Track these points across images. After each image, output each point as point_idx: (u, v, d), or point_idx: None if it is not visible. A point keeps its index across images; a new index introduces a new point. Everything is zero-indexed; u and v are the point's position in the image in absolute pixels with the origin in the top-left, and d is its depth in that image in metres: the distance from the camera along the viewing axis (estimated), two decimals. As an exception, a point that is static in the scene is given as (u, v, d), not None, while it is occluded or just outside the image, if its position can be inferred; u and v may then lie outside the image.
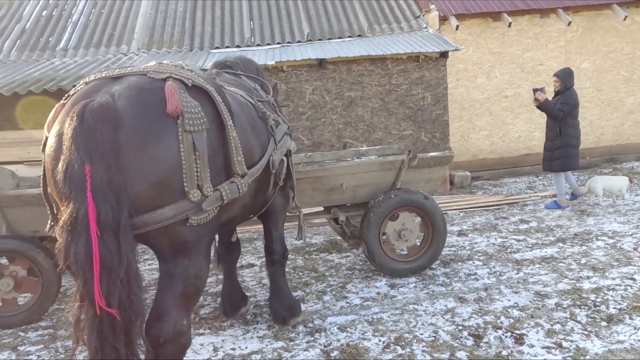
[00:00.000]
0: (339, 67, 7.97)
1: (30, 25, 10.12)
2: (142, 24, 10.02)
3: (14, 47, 9.53)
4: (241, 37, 9.58)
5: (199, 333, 3.17)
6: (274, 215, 3.09)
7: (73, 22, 10.19)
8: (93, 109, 1.66)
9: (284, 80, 7.91)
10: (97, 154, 1.62)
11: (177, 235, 1.81)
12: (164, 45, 9.47)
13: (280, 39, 9.44)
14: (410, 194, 3.89)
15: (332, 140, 8.09)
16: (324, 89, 8.00)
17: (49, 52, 9.37)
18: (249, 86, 3.02)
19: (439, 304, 3.40)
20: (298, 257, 4.82)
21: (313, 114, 8.03)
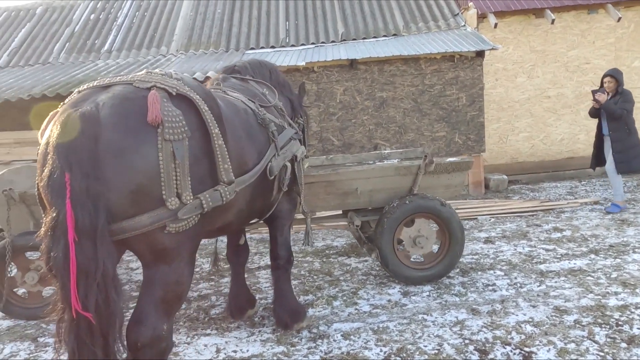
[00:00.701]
0: (371, 67, 7.88)
1: (78, 29, 10.63)
2: (182, 26, 10.30)
3: (63, 49, 10.05)
4: (276, 37, 9.66)
5: (205, 333, 3.22)
6: (279, 221, 3.09)
7: (118, 25, 10.62)
8: (74, 119, 1.71)
9: (315, 81, 7.90)
10: (76, 162, 1.67)
11: (156, 242, 1.83)
12: (201, 46, 9.70)
13: (314, 39, 9.45)
14: (426, 200, 3.79)
15: (363, 142, 8.01)
16: (355, 89, 7.93)
17: (94, 54, 9.81)
18: (255, 91, 3.03)
19: (449, 314, 3.29)
20: (316, 259, 4.81)
21: (344, 114, 7.98)
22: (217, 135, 2.00)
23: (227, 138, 2.15)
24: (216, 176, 2.02)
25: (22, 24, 11.09)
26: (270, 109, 2.95)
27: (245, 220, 2.74)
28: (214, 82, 3.00)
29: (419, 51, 7.69)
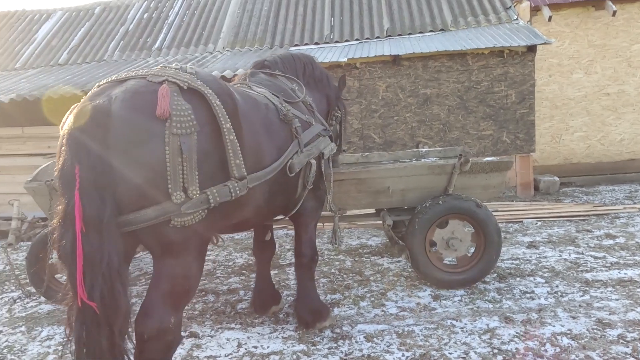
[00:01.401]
0: (415, 63, 7.68)
1: (132, 27, 11.05)
2: (229, 24, 10.48)
3: (117, 47, 10.49)
4: (320, 34, 9.62)
5: (229, 327, 3.23)
6: (304, 219, 3.04)
7: (168, 23, 10.95)
8: (86, 112, 1.74)
9: (357, 78, 7.80)
10: (85, 154, 1.70)
11: (163, 236, 1.84)
12: (246, 43, 9.83)
13: (359, 35, 9.33)
14: (460, 201, 3.62)
15: (405, 139, 7.83)
16: (398, 86, 7.76)
17: (145, 52, 10.17)
18: (283, 87, 2.99)
19: (480, 321, 3.13)
20: (348, 258, 4.73)
21: (386, 111, 7.84)
22: (229, 130, 1.98)
23: (242, 133, 2.13)
24: (227, 171, 1.99)
25: (81, 23, 11.68)
26: (297, 105, 2.91)
27: (266, 216, 2.72)
28: (242, 77, 3.00)
29: (466, 46, 7.40)
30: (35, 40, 11.32)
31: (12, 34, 11.72)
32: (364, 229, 5.98)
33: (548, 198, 7.44)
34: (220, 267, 4.70)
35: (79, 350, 1.73)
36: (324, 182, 2.98)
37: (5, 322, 3.60)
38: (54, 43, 11.04)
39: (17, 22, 12.24)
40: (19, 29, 11.90)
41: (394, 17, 9.59)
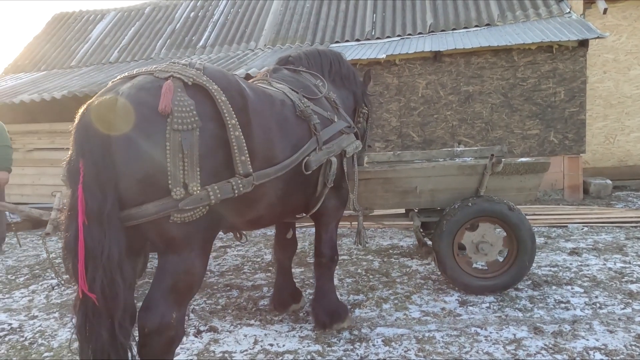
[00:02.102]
0: (457, 59, 7.44)
1: (179, 26, 11.37)
2: (271, 21, 10.57)
3: (164, 46, 10.83)
4: (362, 30, 9.52)
5: (248, 323, 3.24)
6: (324, 217, 2.99)
7: (213, 22, 11.19)
8: (91, 108, 1.77)
9: (396, 75, 7.65)
10: (88, 150, 1.73)
11: (164, 232, 1.84)
12: (287, 40, 9.87)
13: (400, 32, 9.16)
14: (491, 203, 3.46)
15: (445, 138, 7.61)
16: (439, 83, 7.55)
17: (190, 50, 10.44)
18: (306, 83, 2.94)
19: (507, 331, 2.97)
20: (377, 259, 4.64)
21: (425, 109, 7.64)
22: (234, 126, 1.95)
23: (252, 129, 2.11)
24: (233, 168, 1.98)
25: (132, 22, 12.15)
26: (319, 101, 2.85)
27: (283, 214, 2.68)
28: (264, 73, 2.98)
29: (512, 41, 7.09)
30: (90, 39, 11.87)
31: (69, 34, 12.35)
32: (397, 229, 5.86)
33: (598, 202, 7.01)
34: (248, 263, 4.73)
35: (81, 339, 1.77)
36: (346, 180, 2.91)
37: (42, 308, 3.77)
38: (107, 42, 11.54)
39: (74, 22, 12.89)
40: (76, 28, 12.52)
41: (438, 13, 9.34)
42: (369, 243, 5.25)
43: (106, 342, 1.76)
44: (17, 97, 8.29)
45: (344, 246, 5.17)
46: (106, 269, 1.71)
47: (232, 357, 2.79)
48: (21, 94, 8.42)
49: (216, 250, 5.26)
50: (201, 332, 3.12)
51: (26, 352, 2.96)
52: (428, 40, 8.11)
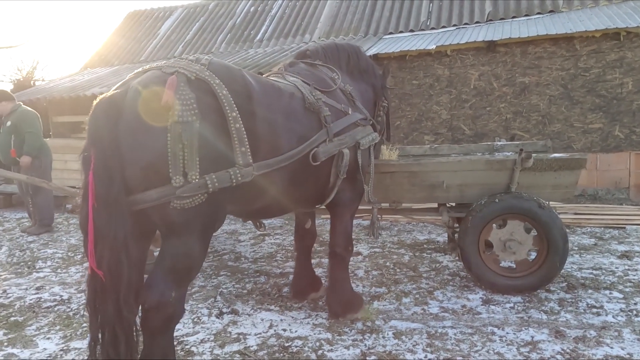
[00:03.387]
0: (512, 49, 7.10)
1: (239, 21, 11.75)
2: (327, 13, 10.62)
3: (224, 40, 11.24)
4: (417, 20, 9.33)
5: (268, 308, 3.37)
6: (339, 209, 3.03)
7: (271, 16, 11.43)
8: (103, 101, 1.95)
9: (448, 66, 7.45)
10: (99, 139, 1.90)
11: (165, 216, 1.98)
12: (341, 32, 9.89)
13: (457, 21, 8.87)
14: (520, 200, 3.33)
15: (498, 132, 7.32)
16: (492, 74, 7.25)
17: (248, 44, 10.76)
18: (322, 76, 2.98)
19: (525, 332, 2.87)
20: (408, 252, 4.61)
21: (477, 102, 7.38)
22: (235, 118, 2.05)
23: (255, 121, 2.20)
24: (233, 158, 2.08)
25: (197, 18, 12.71)
26: (332, 94, 2.89)
27: (292, 204, 2.76)
28: (281, 67, 3.07)
29: (573, 29, 6.65)
30: (158, 35, 12.58)
31: (140, 31, 13.16)
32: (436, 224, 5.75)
33: (668, 203, 6.44)
34: (282, 251, 4.88)
35: (90, 312, 1.96)
36: (360, 172, 2.93)
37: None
38: (173, 38, 12.17)
39: (145, 19, 13.70)
40: (146, 25, 13.31)
41: (497, 0, 8.92)
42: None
43: (112, 315, 1.94)
44: (89, 90, 9.01)
45: (380, 239, 5.17)
46: (112, 248, 1.88)
47: (246, 338, 2.93)
48: (93, 88, 9.14)
49: (255, 238, 5.46)
50: (223, 314, 3.29)
51: (69, 321, 3.29)
52: (483, 30, 7.80)
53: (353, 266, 4.25)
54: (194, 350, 2.80)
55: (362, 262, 4.36)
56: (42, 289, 3.96)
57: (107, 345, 1.95)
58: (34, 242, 5.72)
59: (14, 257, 5.04)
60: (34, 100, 9.42)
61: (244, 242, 5.27)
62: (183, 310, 2.13)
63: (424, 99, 7.58)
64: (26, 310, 3.51)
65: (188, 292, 3.75)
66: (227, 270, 4.27)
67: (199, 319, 3.24)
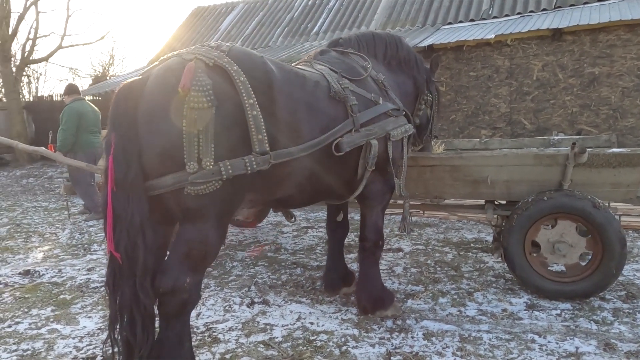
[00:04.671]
0: (581, 37, 6.58)
1: (297, 14, 11.81)
2: (384, 5, 10.41)
3: (282, 34, 11.35)
4: (478, 9, 8.91)
5: (299, 301, 3.34)
6: (368, 201, 2.93)
7: (329, 8, 11.39)
8: (125, 87, 1.98)
9: (508, 56, 7.04)
10: (118, 125, 1.94)
11: (180, 202, 1.98)
12: (398, 23, 9.65)
13: (521, 9, 8.38)
14: (572, 199, 3.05)
15: (563, 126, 6.84)
16: (558, 64, 6.77)
17: (304, 37, 10.79)
18: (352, 64, 2.89)
19: (569, 342, 2.63)
20: (453, 251, 4.40)
21: (540, 94, 6.93)
22: (252, 105, 2.02)
23: (275, 109, 2.16)
24: (250, 145, 2.05)
25: (256, 13, 12.93)
26: (362, 82, 2.78)
27: (317, 195, 2.70)
28: (311, 55, 3.01)
29: (652, 14, 6.05)
30: (219, 30, 12.94)
31: (203, 27, 13.61)
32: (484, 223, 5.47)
33: None
34: (322, 244, 4.83)
35: (109, 293, 2.02)
36: (391, 164, 2.81)
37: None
38: (232, 33, 12.47)
39: (208, 15, 14.15)
40: (209, 21, 13.74)
41: (568, -15, 8.31)
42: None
43: (128, 297, 1.98)
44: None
45: (424, 236, 4.99)
46: (129, 232, 1.92)
47: (273, 329, 2.91)
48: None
49: (298, 230, 5.45)
50: (254, 304, 3.30)
51: (110, 302, 3.43)
52: (549, 17, 7.29)
53: (392, 262, 4.13)
54: (220, 338, 2.82)
55: (402, 259, 4.22)
56: (92, 271, 4.18)
57: (124, 327, 2.00)
58: (94, 226, 6.07)
59: (74, 240, 5.37)
60: (102, 93, 10.00)
61: (287, 234, 5.29)
62: (199, 295, 2.14)
63: (481, 91, 7.23)
64: (75, 290, 3.72)
65: (224, 280, 3.81)
66: (265, 261, 4.29)
67: (230, 307, 3.27)
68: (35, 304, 3.44)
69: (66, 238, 5.46)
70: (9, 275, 4.06)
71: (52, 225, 6.15)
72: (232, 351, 2.66)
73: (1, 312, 3.30)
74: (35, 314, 3.26)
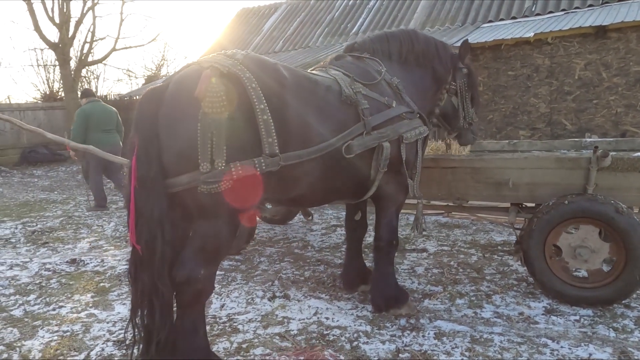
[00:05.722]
0: (627, 34, 6.31)
1: (337, 14, 11.90)
2: (424, 4, 10.32)
3: (322, 34, 11.48)
4: (520, 7, 8.68)
5: (318, 296, 3.45)
6: (382, 202, 3.01)
7: (369, 8, 11.41)
8: (149, 92, 2.17)
9: (549, 55, 6.85)
10: (142, 127, 2.13)
11: (195, 200, 2.14)
12: (437, 22, 9.55)
13: (566, 5, 8.10)
14: (594, 203, 3.00)
15: (606, 127, 6.58)
16: (601, 63, 6.52)
17: (344, 37, 10.87)
18: (367, 69, 2.95)
19: (583, 349, 2.60)
20: (478, 253, 4.38)
21: (582, 94, 6.69)
22: (263, 110, 2.15)
23: (286, 113, 2.28)
24: (260, 148, 2.18)
25: (298, 14, 13.12)
26: (375, 86, 2.85)
27: (330, 195, 2.80)
28: (327, 61, 3.11)
29: None
30: (262, 31, 13.23)
31: (247, 28, 13.96)
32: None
33: None
34: (349, 243, 4.92)
35: (130, 281, 2.21)
36: (404, 166, 2.86)
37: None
38: (275, 34, 12.73)
39: (252, 17, 14.49)
40: (252, 22, 14.08)
41: (618, -21, 7.94)
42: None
43: (148, 286, 2.16)
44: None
45: (452, 237, 4.97)
46: (149, 225, 2.10)
47: (290, 322, 3.05)
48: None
49: (327, 228, 5.57)
50: (275, 297, 3.45)
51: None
52: (594, 14, 7.02)
53: (414, 262, 4.17)
54: (239, 328, 2.99)
55: (425, 259, 4.25)
56: (131, 261, 4.47)
57: (144, 313, 2.19)
58: (137, 220, 6.43)
59: (117, 232, 5.73)
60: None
61: (315, 232, 5.41)
62: (212, 287, 2.30)
63: (520, 91, 7.07)
64: (114, 278, 4.00)
65: (250, 275, 3.98)
66: (291, 257, 4.44)
67: (252, 300, 3.44)
68: (77, 290, 3.74)
69: (111, 230, 5.84)
70: (57, 263, 4.42)
71: (100, 218, 6.57)
72: (248, 341, 2.81)
73: (48, 297, 3.62)
74: (76, 299, 3.55)
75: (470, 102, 3.58)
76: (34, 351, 2.78)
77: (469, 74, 3.53)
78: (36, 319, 3.22)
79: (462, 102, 3.52)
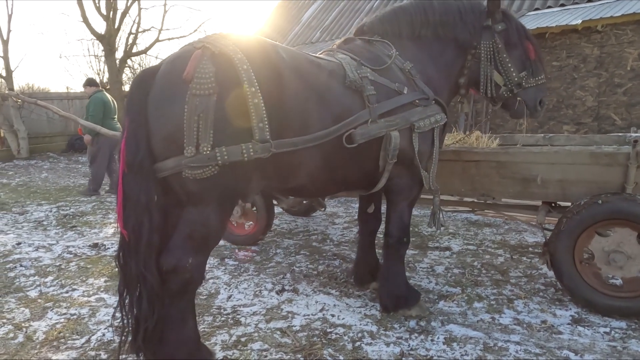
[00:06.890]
0: (688, 21, 5.74)
1: (377, 3, 11.61)
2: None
3: (360, 24, 11.22)
4: (570, -7, 8.10)
5: (327, 292, 3.31)
6: (393, 196, 2.81)
7: (405, 0, 11.03)
8: (140, 74, 2.09)
9: (598, 44, 6.35)
10: (131, 110, 2.05)
11: (182, 185, 2.05)
12: (480, 11, 9.10)
13: (621, -9, 7.47)
14: (631, 204, 2.70)
15: (660, 123, 6.04)
16: (658, 53, 5.97)
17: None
18: (376, 52, 2.74)
19: (609, 365, 2.34)
20: (505, 254, 4.10)
21: (635, 86, 6.17)
22: (253, 93, 2.02)
23: (283, 98, 2.15)
24: (250, 133, 2.06)
25: (338, 4, 12.91)
26: (386, 71, 2.65)
27: (333, 186, 2.63)
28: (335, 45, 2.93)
29: None
30: (301, 22, 13.13)
31: (285, 18, 13.89)
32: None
33: None
34: (369, 238, 4.74)
35: (118, 267, 2.15)
36: (416, 157, 2.65)
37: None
38: (313, 24, 12.58)
39: (292, 8, 14.41)
40: (292, 13, 13.99)
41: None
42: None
43: (133, 272, 2.09)
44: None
45: (480, 236, 4.70)
46: (136, 211, 2.03)
47: (294, 318, 2.93)
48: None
49: (350, 222, 5.41)
50: (284, 291, 3.34)
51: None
52: (652, -1, 6.44)
53: (435, 261, 3.96)
54: (242, 321, 2.90)
55: (447, 258, 4.02)
56: (149, 248, 4.48)
57: (132, 301, 2.12)
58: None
59: (143, 218, 5.80)
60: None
61: (337, 225, 5.27)
62: (202, 276, 2.21)
63: (565, 82, 6.61)
64: (130, 264, 4.01)
65: (264, 266, 3.89)
66: (307, 250, 4.32)
67: (260, 292, 3.34)
68: (92, 274, 3.78)
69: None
70: (80, 247, 4.50)
71: (130, 204, 6.69)
72: (248, 335, 2.72)
73: (64, 279, 3.67)
74: (90, 283, 3.58)
75: (514, 63, 2.92)
76: (38, 332, 2.80)
77: (506, 30, 2.90)
78: (49, 301, 3.26)
79: (495, 65, 2.92)
